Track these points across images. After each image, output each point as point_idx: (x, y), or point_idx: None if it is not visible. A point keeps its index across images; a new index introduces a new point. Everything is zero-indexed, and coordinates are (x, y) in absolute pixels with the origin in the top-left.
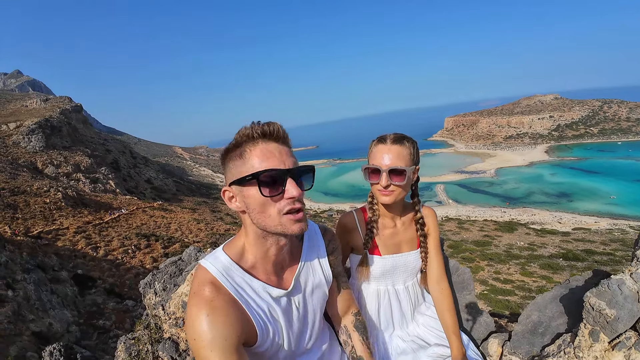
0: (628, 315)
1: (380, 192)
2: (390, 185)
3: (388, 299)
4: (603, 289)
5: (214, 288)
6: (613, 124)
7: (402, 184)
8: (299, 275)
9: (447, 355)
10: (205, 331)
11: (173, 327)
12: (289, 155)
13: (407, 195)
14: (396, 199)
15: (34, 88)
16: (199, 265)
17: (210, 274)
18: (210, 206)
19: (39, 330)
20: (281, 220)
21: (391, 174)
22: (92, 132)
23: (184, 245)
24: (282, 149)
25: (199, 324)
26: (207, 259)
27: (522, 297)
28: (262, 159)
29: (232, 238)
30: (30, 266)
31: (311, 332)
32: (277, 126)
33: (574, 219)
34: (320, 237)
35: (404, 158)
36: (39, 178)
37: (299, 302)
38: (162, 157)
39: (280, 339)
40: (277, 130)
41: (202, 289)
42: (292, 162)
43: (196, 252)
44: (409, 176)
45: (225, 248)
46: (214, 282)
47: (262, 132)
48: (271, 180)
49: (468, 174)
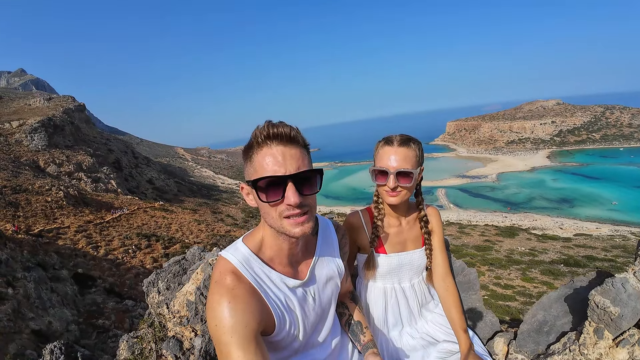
0: (632, 313)
1: (387, 193)
2: (397, 187)
3: (395, 296)
4: (607, 287)
5: (235, 277)
6: (615, 130)
7: (409, 185)
8: (314, 267)
9: (455, 351)
10: (227, 317)
11: (177, 326)
12: (295, 158)
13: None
14: (402, 199)
15: (37, 87)
16: (220, 256)
17: (231, 264)
18: (211, 207)
19: (38, 329)
20: (282, 223)
21: (398, 176)
22: (94, 131)
23: (184, 246)
24: (287, 151)
25: (220, 311)
26: (228, 250)
27: (522, 303)
28: (263, 164)
29: (252, 230)
30: (30, 264)
31: (325, 323)
32: (283, 127)
33: (575, 224)
34: (334, 233)
35: (411, 160)
36: (40, 177)
37: (314, 293)
38: (163, 157)
39: (296, 329)
40: (282, 132)
41: (224, 278)
42: (295, 166)
43: (200, 251)
44: (415, 178)
45: (244, 240)
46: (235, 272)
47: (266, 135)
48: (270, 186)
49: (469, 178)
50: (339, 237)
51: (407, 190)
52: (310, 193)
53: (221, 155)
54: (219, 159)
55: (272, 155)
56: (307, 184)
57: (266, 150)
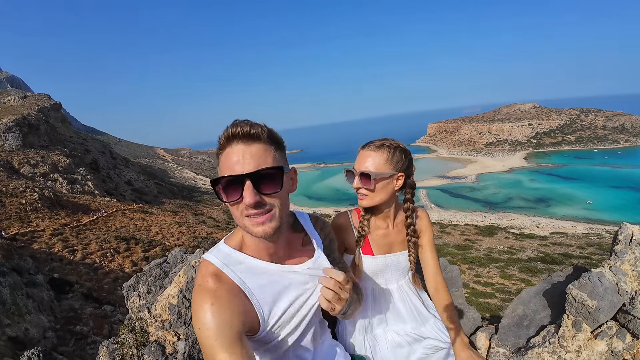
0: (609, 306)
1: (358, 195)
2: (360, 188)
3: (381, 297)
4: (584, 281)
5: (216, 279)
6: (590, 132)
7: (369, 187)
8: (297, 263)
9: (441, 347)
10: (210, 320)
11: (160, 330)
12: (255, 156)
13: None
14: (371, 202)
15: (12, 84)
16: (202, 259)
17: (213, 266)
18: (192, 209)
19: (15, 335)
20: (244, 222)
21: (362, 177)
22: (70, 131)
23: (165, 248)
24: (247, 149)
25: (203, 314)
26: (210, 252)
27: (502, 300)
28: (223, 165)
29: (233, 231)
30: (5, 269)
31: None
32: (243, 126)
33: (551, 223)
34: (312, 226)
35: (377, 163)
36: (14, 178)
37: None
38: (143, 158)
39: (281, 326)
40: (241, 131)
41: (206, 281)
42: (255, 164)
43: (182, 254)
44: (377, 181)
45: (226, 241)
46: (217, 273)
47: (227, 135)
48: (228, 186)
49: (450, 179)
50: (317, 229)
51: (373, 194)
52: (271, 192)
53: (202, 156)
54: (200, 159)
55: (232, 154)
56: (268, 183)
57: (228, 150)
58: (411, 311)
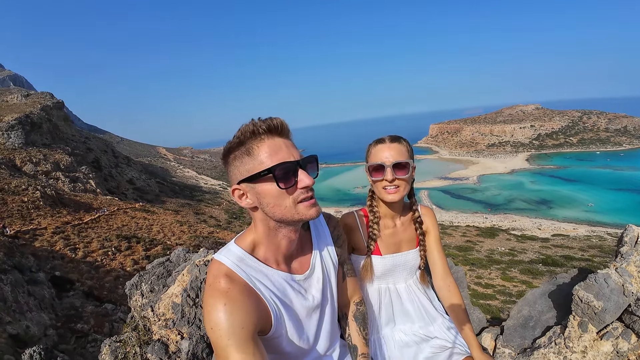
0: (614, 307)
1: (385, 190)
2: (395, 179)
3: (389, 297)
4: (591, 283)
5: (228, 279)
6: (592, 134)
7: (406, 177)
8: (310, 262)
9: (448, 347)
10: (223, 320)
11: (163, 329)
12: (294, 147)
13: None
14: (402, 195)
15: (15, 83)
16: (213, 259)
17: (225, 266)
18: (193, 208)
19: (16, 333)
20: (297, 208)
21: (395, 168)
22: (73, 129)
23: (166, 247)
24: (287, 142)
25: (216, 314)
26: (221, 253)
27: (502, 302)
28: (272, 153)
29: (242, 233)
30: (7, 267)
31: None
32: (280, 120)
33: (553, 225)
34: (325, 225)
35: (404, 154)
36: (17, 176)
37: (312, 288)
38: (145, 157)
39: (293, 327)
40: (281, 124)
41: (218, 281)
42: (298, 154)
43: (185, 253)
44: (410, 169)
45: (237, 241)
46: (229, 274)
47: (267, 127)
48: (285, 173)
49: (451, 180)
50: (330, 228)
51: (406, 184)
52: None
53: (204, 156)
54: (202, 159)
55: (278, 145)
56: (310, 169)
57: (270, 141)
58: (419, 311)
